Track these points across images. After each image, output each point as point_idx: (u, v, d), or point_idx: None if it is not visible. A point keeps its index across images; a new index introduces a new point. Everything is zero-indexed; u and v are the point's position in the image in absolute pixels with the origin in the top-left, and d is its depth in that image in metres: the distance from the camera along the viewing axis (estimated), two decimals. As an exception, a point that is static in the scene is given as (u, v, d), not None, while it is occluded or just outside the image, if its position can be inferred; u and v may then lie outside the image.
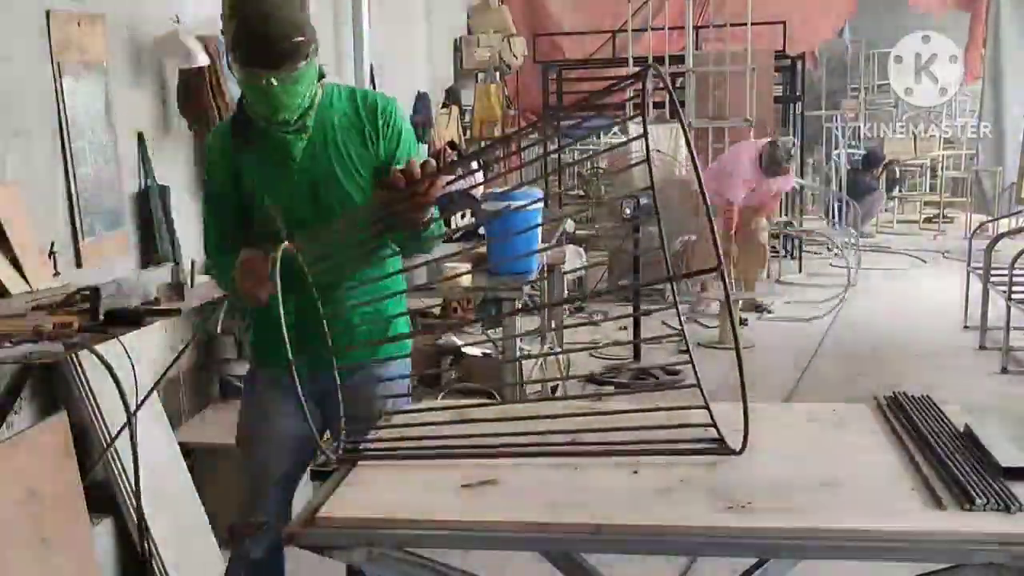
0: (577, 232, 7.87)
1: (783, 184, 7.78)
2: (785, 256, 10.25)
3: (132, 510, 3.28)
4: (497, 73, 9.99)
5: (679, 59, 9.56)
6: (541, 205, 4.54)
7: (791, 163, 7.47)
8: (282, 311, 1.88)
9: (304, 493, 3.74)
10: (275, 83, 2.20)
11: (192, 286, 3.76)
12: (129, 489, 3.27)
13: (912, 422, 2.17)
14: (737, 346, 1.87)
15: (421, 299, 4.65)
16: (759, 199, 7.56)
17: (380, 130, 2.43)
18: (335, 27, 6.42)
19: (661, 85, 1.96)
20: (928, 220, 13.39)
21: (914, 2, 12.85)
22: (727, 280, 2.02)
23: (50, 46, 3.45)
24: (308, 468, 2.76)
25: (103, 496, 3.27)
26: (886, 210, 13.40)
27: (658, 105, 8.87)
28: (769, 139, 7.65)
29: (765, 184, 7.49)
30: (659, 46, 9.51)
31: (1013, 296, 6.29)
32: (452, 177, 2.47)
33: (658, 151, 7.90)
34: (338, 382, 2.17)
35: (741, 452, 1.94)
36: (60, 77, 3.49)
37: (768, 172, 7.36)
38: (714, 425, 2.01)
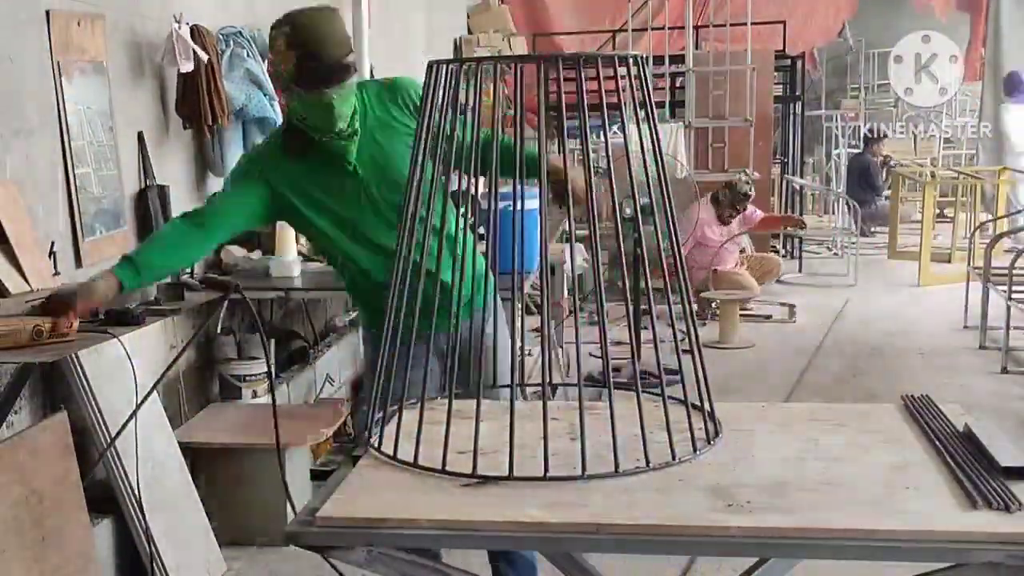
0: (577, 231, 7.88)
1: (744, 218, 8.04)
2: (785, 256, 10.24)
3: (132, 510, 3.28)
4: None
5: (679, 59, 9.56)
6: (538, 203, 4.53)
7: (751, 192, 7.86)
8: None
9: (304, 493, 3.76)
10: (335, 98, 2.51)
11: (192, 286, 3.75)
12: (129, 489, 3.27)
13: (912, 422, 2.17)
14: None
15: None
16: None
17: (406, 112, 2.69)
18: (335, 27, 6.41)
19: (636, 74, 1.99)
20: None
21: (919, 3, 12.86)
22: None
23: (50, 46, 3.45)
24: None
25: (103, 496, 3.27)
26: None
27: (657, 104, 8.88)
28: (723, 183, 7.98)
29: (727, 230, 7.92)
30: (659, 46, 9.51)
31: (1013, 296, 6.29)
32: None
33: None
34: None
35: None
36: (60, 77, 3.48)
37: (736, 210, 7.80)
38: (713, 421, 2.01)
